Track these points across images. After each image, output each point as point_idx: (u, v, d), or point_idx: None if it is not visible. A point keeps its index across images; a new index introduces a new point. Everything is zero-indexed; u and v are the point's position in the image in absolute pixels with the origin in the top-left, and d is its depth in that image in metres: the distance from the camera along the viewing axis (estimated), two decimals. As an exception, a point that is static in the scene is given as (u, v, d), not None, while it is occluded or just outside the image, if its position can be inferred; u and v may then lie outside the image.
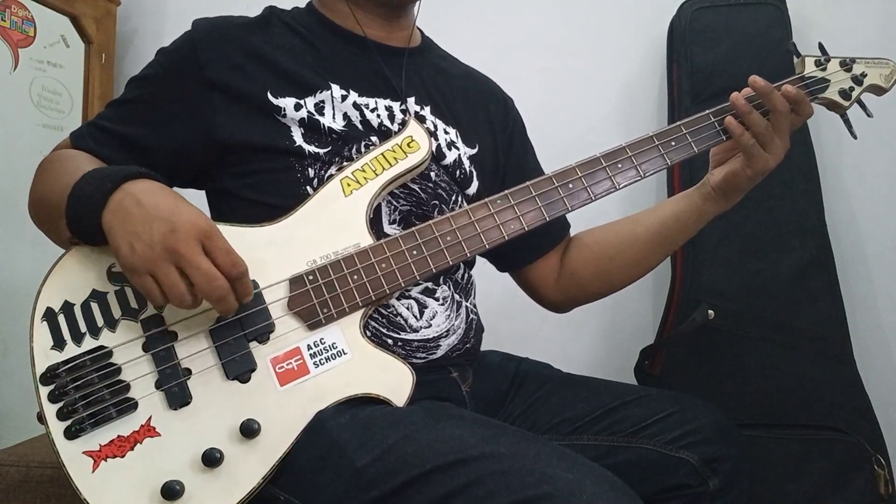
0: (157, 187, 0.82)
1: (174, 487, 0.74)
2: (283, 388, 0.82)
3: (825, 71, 1.08)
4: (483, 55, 1.37)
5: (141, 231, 0.76)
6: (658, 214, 1.10)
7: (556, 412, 1.03)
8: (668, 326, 1.59)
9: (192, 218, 0.77)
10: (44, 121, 1.95)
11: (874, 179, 1.66)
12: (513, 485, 0.65)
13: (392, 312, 0.94)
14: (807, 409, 1.42)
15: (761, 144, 0.98)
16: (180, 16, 1.01)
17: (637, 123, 1.81)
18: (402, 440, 0.73)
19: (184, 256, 0.75)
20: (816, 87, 1.07)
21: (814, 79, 1.08)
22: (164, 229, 0.76)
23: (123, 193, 0.80)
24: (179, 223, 0.76)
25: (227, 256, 0.78)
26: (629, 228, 1.13)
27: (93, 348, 0.80)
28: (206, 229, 0.77)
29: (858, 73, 1.09)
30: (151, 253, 0.75)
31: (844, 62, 1.09)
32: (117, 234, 0.78)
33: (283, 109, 0.97)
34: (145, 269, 0.76)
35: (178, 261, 0.76)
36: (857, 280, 1.63)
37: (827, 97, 1.08)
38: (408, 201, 1.00)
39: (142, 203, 0.78)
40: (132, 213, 0.78)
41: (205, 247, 0.77)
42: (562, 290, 1.19)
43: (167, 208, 0.78)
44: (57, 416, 0.77)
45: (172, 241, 0.75)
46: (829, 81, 1.08)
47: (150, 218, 0.77)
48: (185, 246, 0.75)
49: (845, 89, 1.08)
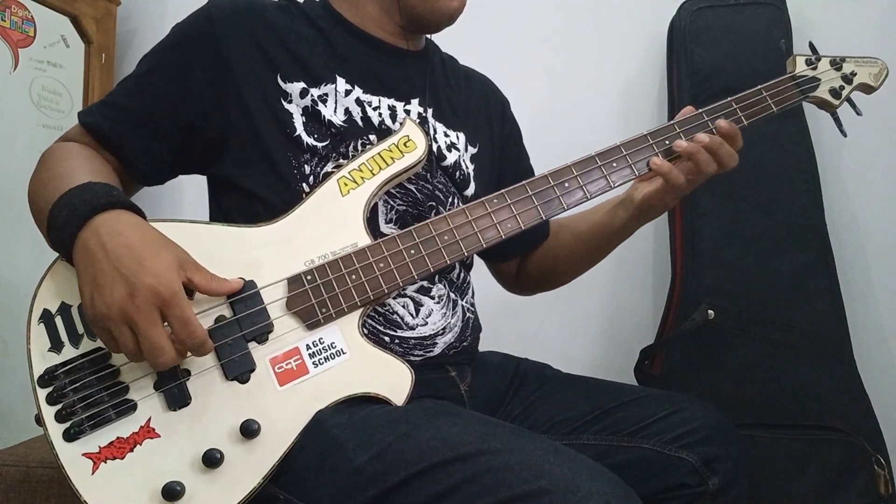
0: (127, 224, 0.80)
1: (174, 488, 0.74)
2: (282, 388, 0.82)
3: (816, 70, 1.10)
4: (483, 55, 1.37)
5: (102, 285, 0.75)
6: (589, 223, 1.15)
7: (555, 412, 1.03)
8: (668, 326, 1.59)
9: (153, 280, 0.75)
10: (44, 121, 1.95)
11: (874, 179, 1.66)
12: (509, 480, 0.65)
13: (388, 310, 0.94)
14: (807, 409, 1.42)
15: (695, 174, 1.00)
16: (180, 16, 1.01)
17: (637, 123, 1.81)
18: (399, 438, 0.73)
19: (137, 324, 0.74)
20: (807, 85, 1.08)
21: (805, 77, 1.09)
22: (122, 292, 0.74)
23: (91, 232, 0.78)
24: (139, 287, 0.74)
25: (184, 327, 0.76)
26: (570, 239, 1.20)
27: (91, 350, 0.80)
28: (165, 297, 0.75)
29: (848, 71, 1.10)
30: (108, 312, 0.74)
31: (835, 61, 1.10)
32: (81, 278, 0.77)
33: (290, 95, 0.97)
34: (101, 325, 0.76)
35: (133, 326, 0.75)
36: (857, 280, 1.63)
37: (818, 96, 1.09)
38: (404, 201, 1.00)
39: (106, 249, 0.76)
40: (96, 259, 0.76)
41: (163, 314, 0.75)
42: (518, 280, 1.31)
43: (130, 262, 0.75)
44: (55, 419, 0.77)
45: (129, 306, 0.74)
46: (819, 80, 1.09)
47: (112, 272, 0.75)
48: (139, 314, 0.74)
49: (836, 88, 1.10)
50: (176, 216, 0.88)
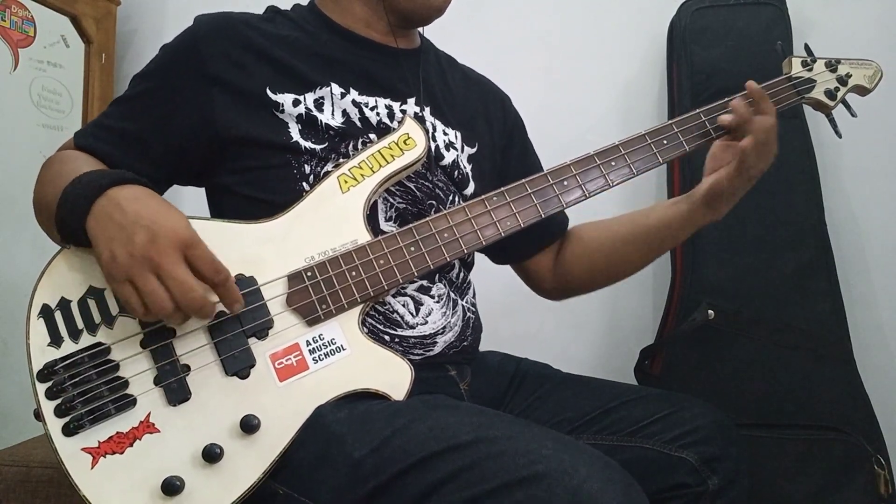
0: (143, 193, 0.82)
1: (174, 483, 0.74)
2: (282, 383, 0.82)
3: (811, 71, 1.11)
4: (483, 55, 1.38)
5: (122, 238, 0.76)
6: (651, 218, 1.10)
7: (555, 412, 1.03)
8: (668, 326, 1.59)
9: (173, 226, 0.77)
10: (44, 121, 1.95)
11: (874, 179, 1.66)
12: (506, 466, 0.66)
13: (388, 309, 0.94)
14: (807, 409, 1.42)
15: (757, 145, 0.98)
16: (180, 16, 1.01)
17: (637, 123, 1.80)
18: (398, 431, 0.74)
19: (162, 266, 0.75)
20: (803, 87, 1.10)
21: (801, 79, 1.10)
22: (144, 238, 0.76)
23: (107, 199, 0.80)
24: (160, 232, 0.76)
25: (209, 264, 0.78)
26: (621, 229, 1.14)
27: (90, 345, 0.80)
28: (186, 238, 0.77)
29: (843, 73, 1.11)
30: (131, 261, 0.75)
31: (830, 63, 1.12)
32: (99, 241, 0.78)
33: (282, 105, 0.97)
34: (124, 276, 0.76)
35: (157, 270, 0.76)
36: (857, 280, 1.63)
37: (813, 97, 1.10)
38: (404, 199, 1.00)
39: (124, 210, 0.78)
40: (114, 219, 0.78)
41: (186, 256, 0.77)
42: (556, 280, 1.22)
43: (149, 215, 0.78)
44: (55, 413, 0.77)
45: (152, 250, 0.75)
46: (815, 82, 1.10)
47: (131, 225, 0.77)
48: (164, 255, 0.76)
49: (831, 89, 1.11)
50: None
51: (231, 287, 0.81)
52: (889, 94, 1.12)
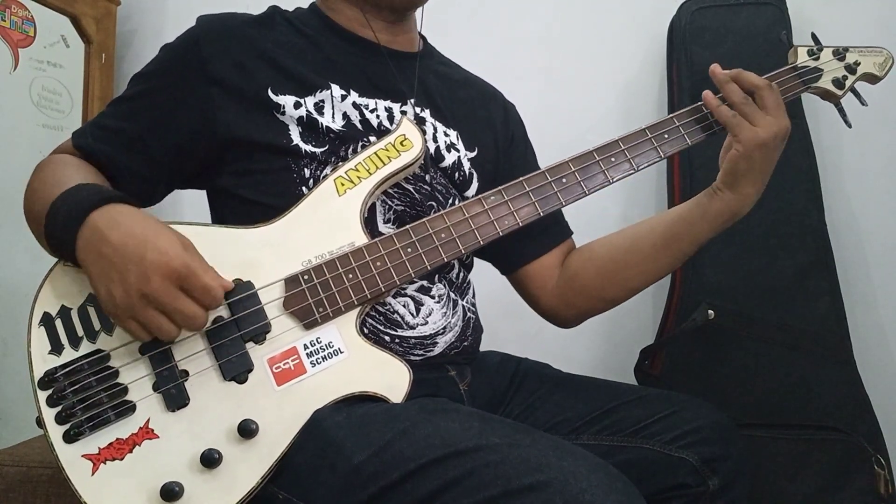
0: (124, 214, 0.81)
1: (173, 489, 0.74)
2: (280, 387, 0.82)
3: (818, 60, 1.07)
4: (483, 55, 1.38)
5: (115, 276, 0.76)
6: (666, 217, 1.07)
7: (555, 412, 1.03)
8: (668, 326, 1.59)
9: (161, 257, 0.76)
10: (44, 121, 1.95)
11: (874, 179, 1.65)
12: (508, 474, 0.65)
13: (389, 310, 0.94)
14: (807, 409, 1.42)
15: (743, 115, 0.97)
16: (180, 16, 1.01)
17: (637, 123, 1.76)
18: (397, 436, 0.73)
19: (162, 303, 0.76)
20: (809, 76, 1.06)
21: (807, 68, 1.06)
22: (136, 276, 0.75)
23: (90, 230, 0.79)
24: (150, 267, 0.75)
25: (204, 293, 0.78)
26: (633, 229, 1.10)
27: (90, 352, 0.80)
28: (177, 269, 0.76)
29: (852, 61, 1.07)
30: (129, 300, 0.76)
31: (837, 51, 1.08)
32: (93, 277, 0.79)
33: (283, 107, 0.97)
34: (127, 315, 0.77)
35: (158, 306, 0.77)
36: (857, 280, 1.63)
37: (820, 86, 1.07)
38: (402, 201, 1.00)
39: (110, 241, 0.78)
40: (103, 253, 0.78)
41: (181, 287, 0.78)
42: (560, 295, 1.14)
43: (135, 246, 0.77)
44: (56, 420, 0.77)
45: (147, 288, 0.75)
46: (822, 71, 1.07)
47: (121, 260, 0.76)
48: (160, 293, 0.76)
49: (839, 78, 1.07)
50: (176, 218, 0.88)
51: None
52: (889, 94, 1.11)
